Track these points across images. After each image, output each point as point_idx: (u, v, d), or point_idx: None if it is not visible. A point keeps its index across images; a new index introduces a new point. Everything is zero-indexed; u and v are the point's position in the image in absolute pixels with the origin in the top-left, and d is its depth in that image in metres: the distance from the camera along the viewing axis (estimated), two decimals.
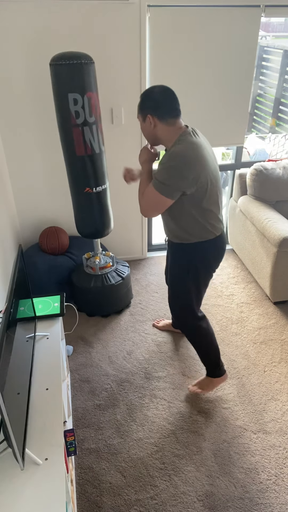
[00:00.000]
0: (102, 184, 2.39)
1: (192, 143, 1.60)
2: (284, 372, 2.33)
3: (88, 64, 2.05)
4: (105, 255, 2.87)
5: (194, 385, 2.21)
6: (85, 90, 2.08)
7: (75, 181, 2.35)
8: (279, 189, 2.99)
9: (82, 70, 2.03)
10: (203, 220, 1.73)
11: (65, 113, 2.12)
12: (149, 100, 1.64)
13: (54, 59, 2.02)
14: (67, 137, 2.21)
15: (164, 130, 1.66)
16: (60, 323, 1.73)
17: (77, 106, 2.09)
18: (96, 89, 2.16)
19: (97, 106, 2.19)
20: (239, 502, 1.71)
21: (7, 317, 1.13)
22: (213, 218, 1.76)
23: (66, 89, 2.05)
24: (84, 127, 2.16)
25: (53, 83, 2.08)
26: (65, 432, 1.37)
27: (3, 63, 2.45)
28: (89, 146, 2.23)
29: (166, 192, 1.61)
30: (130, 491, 1.76)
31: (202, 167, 1.60)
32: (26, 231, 3.10)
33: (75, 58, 2.00)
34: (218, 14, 2.59)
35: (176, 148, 1.60)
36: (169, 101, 1.63)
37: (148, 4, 2.48)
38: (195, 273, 1.87)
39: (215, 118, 2.98)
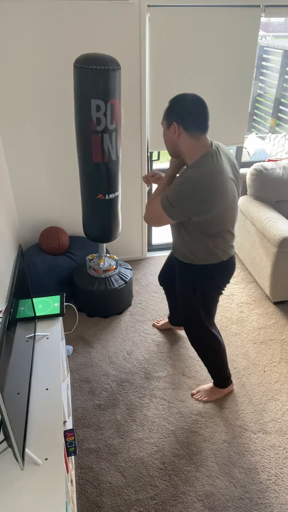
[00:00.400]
0: (115, 191, 2.35)
1: (212, 168, 1.51)
2: (284, 372, 2.33)
3: (115, 70, 1.97)
4: (109, 257, 2.86)
5: (198, 391, 2.19)
6: (109, 97, 2.00)
7: (88, 186, 2.30)
8: (279, 189, 2.99)
9: (108, 76, 1.94)
10: (213, 245, 1.67)
11: (85, 119, 2.05)
12: (178, 107, 1.53)
13: (79, 61, 1.92)
14: (85, 143, 2.13)
15: (187, 142, 1.56)
16: (60, 323, 1.73)
17: (99, 113, 2.01)
18: (119, 96, 2.09)
19: (118, 113, 2.12)
20: (239, 502, 1.71)
21: (7, 317, 1.13)
22: (224, 244, 1.69)
23: (89, 95, 1.97)
24: (104, 134, 2.09)
25: (75, 86, 2.00)
26: (65, 432, 1.37)
27: (4, 63, 2.45)
28: (106, 154, 2.16)
29: (170, 212, 1.57)
30: (130, 491, 1.76)
31: (217, 195, 1.52)
32: (26, 231, 3.10)
33: (102, 63, 1.90)
34: (218, 14, 2.59)
35: (193, 171, 1.51)
36: (200, 113, 1.53)
37: (148, 4, 2.48)
38: (201, 293, 1.82)
39: (215, 118, 2.97)
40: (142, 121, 2.84)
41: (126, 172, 3.03)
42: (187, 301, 1.88)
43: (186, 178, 1.52)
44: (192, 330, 1.98)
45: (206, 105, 1.55)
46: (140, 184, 3.11)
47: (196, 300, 1.84)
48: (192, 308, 1.88)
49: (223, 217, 1.60)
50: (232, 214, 1.65)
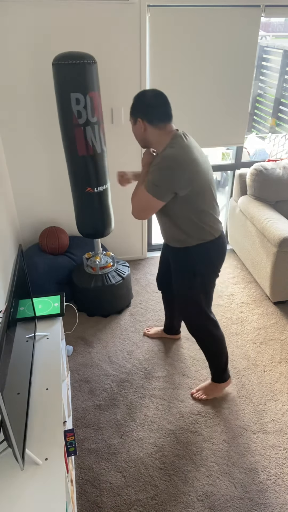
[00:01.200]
0: (104, 184, 2.39)
1: (184, 146, 1.62)
2: (284, 372, 2.33)
3: (91, 64, 2.05)
4: (106, 255, 2.87)
5: (197, 389, 2.19)
6: (88, 90, 2.08)
7: (76, 181, 2.35)
8: (279, 189, 2.99)
9: (84, 70, 2.03)
10: (200, 221, 1.73)
11: (67, 113, 2.12)
12: (140, 104, 1.65)
13: (56, 59, 2.02)
14: (68, 137, 2.20)
15: (154, 134, 1.67)
16: (60, 323, 1.73)
17: (79, 106, 2.09)
18: (98, 89, 2.16)
19: (99, 106, 2.19)
20: (239, 502, 1.71)
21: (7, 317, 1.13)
22: (210, 220, 1.76)
23: (68, 89, 2.05)
24: (86, 127, 2.16)
25: (55, 83, 2.08)
26: (65, 432, 1.37)
27: (4, 63, 2.45)
28: (90, 146, 2.23)
29: (157, 193, 1.62)
30: (130, 491, 1.76)
31: (195, 169, 1.62)
32: (26, 231, 3.10)
33: (78, 58, 2.00)
34: (218, 14, 2.59)
35: (168, 150, 1.61)
36: (160, 106, 1.63)
37: (148, 4, 2.48)
38: (201, 276, 1.86)
39: (215, 118, 2.98)
40: None
41: None
42: (187, 288, 1.90)
43: (162, 157, 1.60)
44: (193, 318, 1.99)
45: (166, 97, 1.65)
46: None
47: (196, 285, 1.87)
48: (193, 294, 1.90)
49: (204, 190, 1.68)
50: (212, 187, 1.74)
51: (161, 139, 1.67)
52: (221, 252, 1.86)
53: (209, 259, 1.84)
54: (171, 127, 1.68)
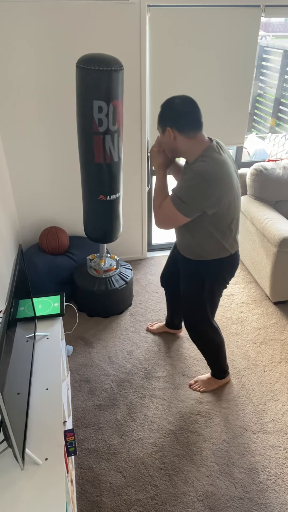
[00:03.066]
0: (117, 192, 2.34)
1: (217, 160, 1.53)
2: (284, 372, 2.33)
3: (118, 71, 1.95)
4: (111, 257, 2.86)
5: (195, 381, 2.21)
6: (112, 98, 1.99)
7: (90, 187, 2.29)
8: (279, 189, 2.99)
9: (111, 77, 1.92)
10: (222, 239, 1.68)
11: (87, 120, 2.04)
12: (169, 111, 1.55)
13: (82, 62, 1.91)
14: (86, 144, 2.13)
15: (185, 143, 1.57)
16: (60, 323, 1.73)
17: (101, 114, 2.00)
18: (122, 97, 2.07)
19: (121, 114, 2.11)
20: (239, 502, 1.71)
21: (7, 317, 1.13)
22: (231, 238, 1.71)
23: (92, 96, 1.96)
24: (105, 135, 2.08)
25: (78, 87, 1.99)
26: (65, 432, 1.37)
27: (4, 64, 2.45)
28: (108, 155, 2.15)
29: (184, 211, 1.56)
30: (130, 491, 1.76)
31: (227, 187, 1.54)
32: (26, 231, 3.10)
33: (105, 64, 1.88)
34: (218, 14, 2.59)
35: (200, 165, 1.52)
36: (190, 112, 1.54)
37: (148, 4, 2.48)
38: (210, 288, 1.84)
39: (215, 118, 2.98)
40: (142, 122, 2.84)
41: (126, 172, 3.03)
42: (194, 297, 1.89)
43: (194, 173, 1.52)
44: (196, 326, 1.99)
45: (196, 103, 1.55)
46: (140, 184, 3.11)
47: (204, 296, 1.86)
48: (199, 304, 1.89)
49: (231, 207, 1.61)
50: (239, 204, 1.68)
51: (193, 149, 1.58)
52: (233, 267, 1.82)
53: (220, 274, 1.81)
54: (202, 136, 1.58)
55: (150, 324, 2.69)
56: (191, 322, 2.00)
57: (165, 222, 1.65)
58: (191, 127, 1.55)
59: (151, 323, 2.70)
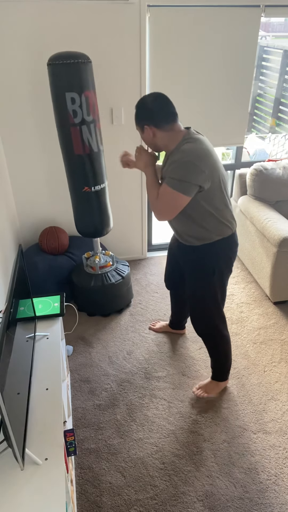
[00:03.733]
0: (101, 183, 2.39)
1: (200, 140, 1.62)
2: (284, 372, 2.33)
3: (85, 63, 2.06)
4: (105, 254, 2.87)
5: (198, 388, 2.19)
6: (83, 89, 2.09)
7: (74, 180, 2.35)
8: (279, 189, 2.99)
9: (79, 69, 2.04)
10: (221, 216, 1.74)
11: (62, 112, 2.13)
12: (143, 111, 1.64)
13: (51, 59, 2.03)
14: (65, 136, 2.21)
15: (164, 136, 1.66)
16: (60, 323, 1.73)
17: (74, 105, 2.10)
18: (93, 88, 2.16)
19: (95, 105, 2.19)
20: (239, 502, 1.71)
21: (7, 317, 1.13)
22: (228, 214, 1.77)
23: (63, 89, 2.06)
24: (82, 126, 2.16)
25: (50, 83, 2.09)
26: (65, 432, 1.37)
27: (2, 63, 2.45)
28: (87, 145, 2.23)
29: (184, 189, 1.59)
30: (130, 491, 1.76)
31: (213, 162, 1.62)
32: (26, 231, 3.10)
33: (72, 57, 2.01)
34: (218, 14, 2.59)
35: (187, 145, 1.60)
36: (163, 107, 1.61)
37: (148, 4, 2.48)
38: (220, 273, 1.85)
39: (215, 118, 2.98)
40: None
41: (126, 172, 3.03)
42: (205, 285, 1.88)
43: (183, 152, 1.59)
44: (206, 318, 1.97)
45: (167, 97, 1.63)
46: (140, 184, 3.11)
47: (215, 282, 1.86)
48: (211, 291, 1.89)
49: (221, 184, 1.68)
50: (226, 186, 1.75)
51: (172, 140, 1.66)
52: (236, 247, 1.87)
53: (227, 255, 1.84)
54: (179, 126, 1.67)
55: (152, 323, 2.69)
56: (201, 315, 1.97)
57: (166, 209, 1.67)
58: (167, 121, 1.63)
59: (153, 322, 2.71)
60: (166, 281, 2.29)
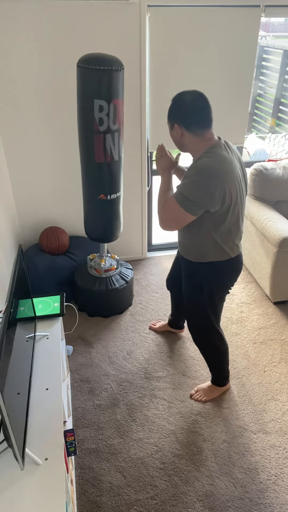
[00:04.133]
0: (117, 191, 2.35)
1: (222, 157, 1.51)
2: (284, 372, 2.33)
3: (118, 70, 1.97)
4: (110, 257, 2.87)
5: (196, 391, 2.19)
6: (112, 98, 2.01)
7: (90, 186, 2.30)
8: (279, 189, 2.99)
9: (111, 77, 1.95)
10: (222, 241, 1.66)
11: (88, 119, 2.05)
12: (178, 108, 1.54)
13: (83, 61, 1.93)
14: (87, 143, 2.14)
15: (192, 140, 1.57)
16: (60, 323, 1.73)
17: (102, 113, 2.02)
18: (122, 96, 2.09)
19: (121, 113, 2.13)
20: (239, 502, 1.71)
21: (7, 317, 1.13)
22: (232, 240, 1.68)
23: (92, 95, 1.98)
24: (106, 135, 2.09)
25: (78, 86, 2.01)
26: (65, 432, 1.37)
27: (4, 64, 2.45)
28: (109, 154, 2.16)
29: (189, 208, 1.52)
30: (130, 491, 1.76)
31: (230, 184, 1.52)
32: (26, 231, 3.10)
33: (106, 63, 1.91)
34: (218, 14, 2.59)
35: (204, 161, 1.50)
36: (199, 111, 1.52)
37: (148, 4, 2.48)
38: (209, 292, 1.80)
39: (215, 118, 2.97)
40: (142, 121, 2.84)
41: (126, 172, 3.03)
42: (194, 301, 1.87)
43: (197, 169, 1.50)
44: (199, 330, 1.97)
45: (206, 100, 1.53)
46: (140, 184, 3.11)
47: (203, 299, 1.83)
48: (200, 307, 1.87)
49: (233, 207, 1.59)
50: (241, 208, 1.65)
51: (199, 147, 1.57)
52: (235, 271, 1.78)
53: (219, 278, 1.78)
54: (211, 134, 1.57)
55: (152, 323, 2.70)
56: (194, 325, 1.98)
57: (169, 221, 1.62)
58: (199, 125, 1.54)
59: (153, 322, 2.71)
60: (167, 281, 2.29)
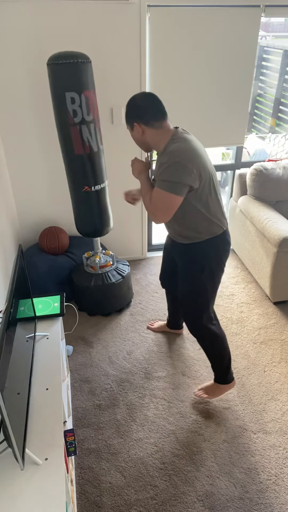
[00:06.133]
0: (101, 182, 2.39)
1: (187, 139, 1.63)
2: (284, 372, 2.33)
3: (85, 63, 2.06)
4: (105, 254, 2.87)
5: (200, 389, 2.18)
6: (82, 89, 2.09)
7: (74, 180, 2.35)
8: (279, 189, 2.99)
9: (79, 69, 2.04)
10: (211, 215, 1.74)
11: (62, 112, 2.13)
12: (132, 108, 1.66)
13: (51, 59, 2.03)
14: (65, 136, 2.21)
15: (153, 134, 1.67)
16: (60, 323, 1.73)
17: (74, 105, 2.10)
18: (93, 87, 2.16)
19: (95, 104, 2.19)
20: (239, 502, 1.71)
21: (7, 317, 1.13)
22: (218, 212, 1.77)
23: (63, 88, 2.06)
24: (82, 126, 2.17)
25: (50, 83, 2.10)
26: (65, 432, 1.37)
27: (2, 63, 2.45)
28: (87, 145, 2.23)
29: (175, 190, 1.60)
30: (130, 491, 1.76)
31: (201, 160, 1.62)
32: (26, 231, 3.11)
33: (72, 57, 2.01)
34: (218, 14, 2.59)
35: (173, 146, 1.60)
36: (152, 105, 1.63)
37: (148, 4, 2.48)
38: (210, 270, 1.85)
39: (215, 118, 2.98)
40: None
41: (126, 172, 3.03)
42: (195, 284, 1.88)
43: (169, 153, 1.59)
44: (196, 317, 1.96)
45: (155, 96, 1.65)
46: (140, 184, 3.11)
47: (205, 281, 1.86)
48: (201, 290, 1.88)
49: (210, 183, 1.69)
50: (216, 183, 1.75)
51: (161, 138, 1.66)
52: (227, 245, 1.86)
53: (217, 253, 1.83)
54: (168, 125, 1.68)
55: (150, 323, 2.70)
56: (191, 314, 1.98)
57: (161, 211, 1.67)
58: (155, 118, 1.64)
59: (151, 322, 2.71)
60: (161, 279, 2.29)
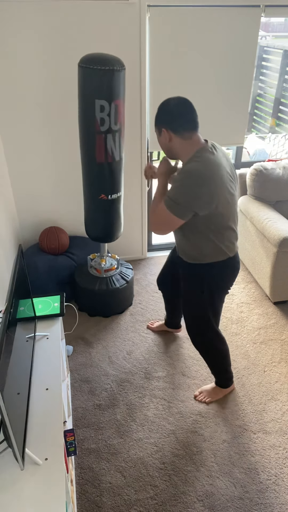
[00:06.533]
0: (118, 191, 2.35)
1: (208, 161, 1.53)
2: (284, 372, 2.33)
3: (120, 70, 1.98)
4: (111, 257, 2.87)
5: (200, 392, 2.18)
6: (113, 98, 2.01)
7: (91, 187, 2.30)
8: (279, 189, 2.99)
9: (113, 77, 1.95)
10: (218, 240, 1.67)
11: (89, 119, 2.06)
12: (164, 113, 1.58)
13: (84, 61, 1.93)
14: (88, 143, 2.14)
15: (180, 144, 1.59)
16: (60, 323, 1.73)
17: (103, 113, 2.02)
18: (124, 96, 2.09)
19: (122, 113, 2.13)
20: (239, 502, 1.71)
21: (7, 317, 1.13)
22: (227, 239, 1.69)
23: (93, 96, 1.98)
24: (107, 135, 2.10)
25: (80, 86, 2.01)
26: (65, 432, 1.37)
27: (5, 63, 2.45)
28: (110, 154, 2.17)
29: (177, 211, 1.54)
30: (130, 491, 1.76)
31: (218, 186, 1.53)
32: (26, 231, 3.10)
33: (107, 63, 1.91)
34: (218, 14, 2.59)
35: (191, 165, 1.53)
36: (185, 114, 1.55)
37: (148, 4, 2.48)
38: (209, 293, 1.81)
39: (215, 118, 2.98)
40: (142, 121, 2.84)
41: (126, 172, 3.03)
42: (194, 303, 1.87)
43: (185, 172, 1.53)
44: (199, 333, 1.96)
45: (191, 104, 1.57)
46: (140, 184, 3.11)
47: (204, 301, 1.83)
48: (201, 309, 1.87)
49: (225, 208, 1.60)
50: (233, 209, 1.66)
51: (187, 150, 1.59)
52: (233, 270, 1.80)
53: (220, 278, 1.79)
54: (197, 137, 1.59)
55: (150, 322, 2.70)
56: (195, 332, 1.97)
57: (159, 225, 1.64)
58: (186, 128, 1.57)
59: (151, 321, 2.71)
60: (158, 281, 2.29)
